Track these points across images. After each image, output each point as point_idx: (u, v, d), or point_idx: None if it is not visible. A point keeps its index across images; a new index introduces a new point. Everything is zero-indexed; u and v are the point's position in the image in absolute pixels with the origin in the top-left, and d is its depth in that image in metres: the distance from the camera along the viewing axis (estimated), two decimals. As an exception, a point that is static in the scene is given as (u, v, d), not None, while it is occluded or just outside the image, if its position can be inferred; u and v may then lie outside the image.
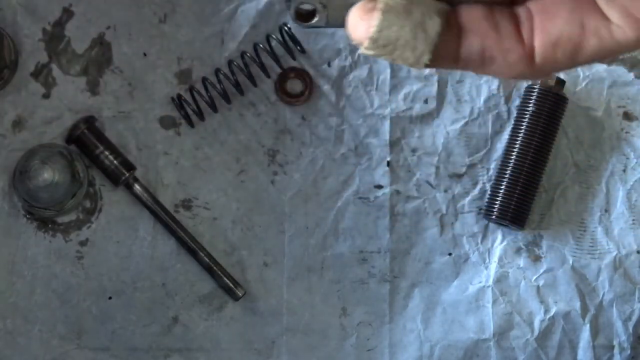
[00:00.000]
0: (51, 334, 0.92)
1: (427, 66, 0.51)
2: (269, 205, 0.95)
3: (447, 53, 0.51)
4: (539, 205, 0.96)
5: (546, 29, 0.48)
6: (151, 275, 0.94)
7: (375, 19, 0.50)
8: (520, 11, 0.49)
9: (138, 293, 0.93)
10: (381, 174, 0.96)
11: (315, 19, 0.53)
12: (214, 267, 0.93)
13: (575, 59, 0.49)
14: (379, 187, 0.96)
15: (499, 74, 0.51)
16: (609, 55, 0.49)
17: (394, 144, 0.97)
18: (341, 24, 0.53)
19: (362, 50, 0.51)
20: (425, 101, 0.97)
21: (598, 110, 0.98)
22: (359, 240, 0.96)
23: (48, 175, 0.89)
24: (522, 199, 0.94)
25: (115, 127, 0.95)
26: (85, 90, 0.95)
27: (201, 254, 0.93)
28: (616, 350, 0.95)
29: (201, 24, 0.96)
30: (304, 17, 0.53)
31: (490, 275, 0.96)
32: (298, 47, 0.95)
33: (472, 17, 0.50)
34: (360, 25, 0.50)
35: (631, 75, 0.99)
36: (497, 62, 0.50)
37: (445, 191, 0.97)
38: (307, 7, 0.53)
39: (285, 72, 0.96)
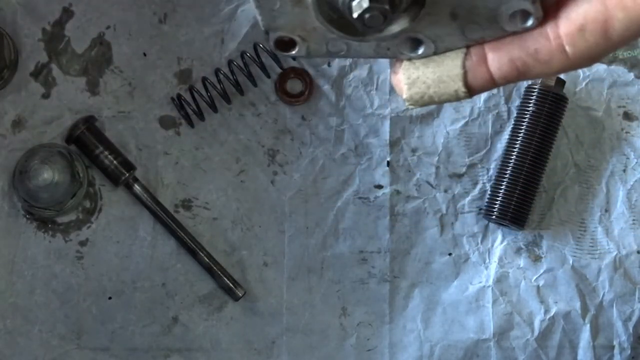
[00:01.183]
0: (51, 334, 0.92)
1: (471, 95, 0.52)
2: (269, 205, 0.95)
3: (479, 79, 0.51)
4: (539, 205, 0.96)
5: (569, 16, 0.47)
6: (151, 275, 0.94)
7: (401, 81, 0.52)
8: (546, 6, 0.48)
9: (138, 293, 0.93)
10: (381, 174, 0.96)
11: (296, 50, 0.53)
12: (214, 267, 0.93)
13: (608, 39, 0.47)
14: (379, 187, 0.96)
15: (542, 74, 0.50)
16: None
17: (394, 144, 0.97)
18: (324, 55, 0.53)
19: (409, 108, 0.54)
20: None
21: (598, 110, 0.98)
22: (359, 240, 0.96)
23: (48, 175, 0.89)
24: (522, 199, 0.94)
25: (115, 127, 0.95)
26: (85, 90, 0.95)
27: (201, 254, 0.93)
28: (616, 351, 0.95)
29: (201, 24, 0.96)
30: (285, 45, 0.53)
31: (490, 275, 0.96)
32: (298, 47, 0.95)
33: None
34: (396, 89, 0.53)
35: (631, 75, 0.99)
36: (531, 66, 0.49)
37: (445, 191, 0.97)
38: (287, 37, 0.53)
39: (285, 72, 0.96)
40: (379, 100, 0.97)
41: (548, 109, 0.94)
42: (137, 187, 0.93)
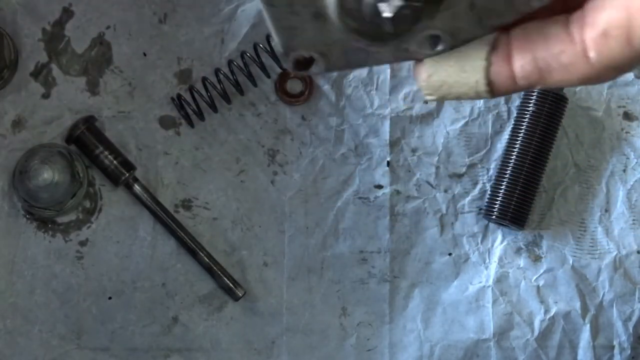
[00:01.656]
0: (51, 334, 0.92)
1: (492, 94, 0.51)
2: (269, 205, 0.95)
3: (502, 75, 0.50)
4: (539, 205, 0.96)
5: (594, 20, 0.46)
6: (151, 275, 0.94)
7: (424, 67, 0.51)
8: (572, 11, 0.48)
9: (138, 293, 0.93)
10: (381, 174, 0.96)
11: (314, 67, 0.53)
12: (214, 267, 0.93)
13: (632, 47, 0.45)
14: (379, 187, 0.96)
15: (564, 82, 0.49)
16: None
17: (394, 144, 0.97)
18: (343, 67, 0.53)
19: (426, 98, 0.53)
20: (425, 101, 0.97)
21: (598, 110, 0.98)
22: (359, 240, 0.96)
23: (48, 175, 0.89)
24: (522, 199, 0.94)
25: (115, 127, 0.95)
26: (85, 90, 0.95)
27: (201, 254, 0.93)
28: (616, 351, 0.95)
29: (201, 24, 0.96)
30: (302, 63, 0.53)
31: (490, 275, 0.96)
32: (298, 47, 0.95)
33: (518, 33, 0.49)
34: (417, 77, 0.52)
35: (631, 75, 0.98)
36: (553, 69, 0.48)
37: (445, 191, 0.97)
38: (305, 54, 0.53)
39: (285, 72, 0.96)
40: (379, 100, 0.97)
41: (548, 109, 0.94)
42: (137, 187, 0.93)
